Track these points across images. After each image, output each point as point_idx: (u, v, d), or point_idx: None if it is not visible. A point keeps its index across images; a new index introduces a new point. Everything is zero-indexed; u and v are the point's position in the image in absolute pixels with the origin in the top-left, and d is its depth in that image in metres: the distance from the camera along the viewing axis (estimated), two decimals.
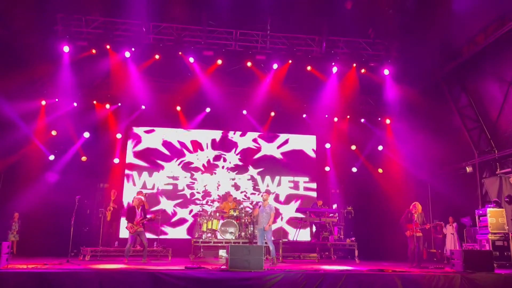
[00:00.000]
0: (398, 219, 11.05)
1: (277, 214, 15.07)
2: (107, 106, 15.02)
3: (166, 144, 15.82)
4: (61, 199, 12.93)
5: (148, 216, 10.63)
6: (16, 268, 7.63)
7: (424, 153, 14.53)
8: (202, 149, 16.02)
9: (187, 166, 15.78)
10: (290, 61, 13.81)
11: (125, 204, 14.26)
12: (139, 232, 10.26)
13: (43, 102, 14.05)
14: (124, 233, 13.69)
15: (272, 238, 10.54)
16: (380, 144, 16.06)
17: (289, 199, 16.07)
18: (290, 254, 12.90)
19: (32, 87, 13.88)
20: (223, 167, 15.99)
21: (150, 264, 9.58)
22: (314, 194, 16.13)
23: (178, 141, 15.89)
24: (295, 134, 16.68)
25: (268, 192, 12.77)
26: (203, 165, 15.88)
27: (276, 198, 15.95)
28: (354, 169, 16.17)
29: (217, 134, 16.22)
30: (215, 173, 15.89)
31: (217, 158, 16.04)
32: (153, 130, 15.86)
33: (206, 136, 16.14)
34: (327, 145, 16.38)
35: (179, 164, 15.75)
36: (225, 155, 16.11)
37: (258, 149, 16.38)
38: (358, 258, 11.99)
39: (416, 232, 10.57)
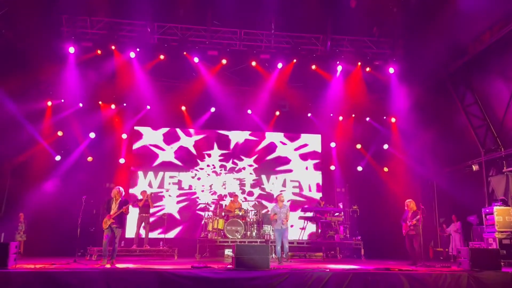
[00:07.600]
0: None
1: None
2: (113, 106, 15.10)
3: (170, 144, 15.87)
4: (68, 199, 13.02)
5: (121, 209, 9.01)
6: (24, 268, 7.67)
7: (430, 152, 14.48)
8: (207, 149, 16.05)
9: (193, 166, 15.82)
10: (294, 60, 13.80)
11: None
12: (113, 228, 8.94)
13: (49, 103, 14.16)
14: (130, 232, 13.73)
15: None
16: (386, 143, 16.00)
17: (294, 198, 16.07)
18: (296, 254, 12.91)
19: (38, 88, 13.98)
20: (227, 167, 16.02)
21: (156, 264, 9.61)
22: (319, 193, 16.10)
23: (183, 141, 15.93)
24: (300, 133, 16.68)
25: (280, 195, 11.43)
26: (208, 165, 15.91)
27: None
28: (360, 168, 16.13)
29: (222, 134, 16.24)
30: (220, 173, 15.91)
31: (222, 158, 16.06)
32: (157, 130, 15.91)
33: (211, 135, 16.17)
34: (332, 144, 16.34)
35: (184, 164, 15.80)
36: (230, 154, 16.13)
37: (263, 148, 16.35)
38: (364, 257, 11.96)
39: (407, 230, 10.50)
